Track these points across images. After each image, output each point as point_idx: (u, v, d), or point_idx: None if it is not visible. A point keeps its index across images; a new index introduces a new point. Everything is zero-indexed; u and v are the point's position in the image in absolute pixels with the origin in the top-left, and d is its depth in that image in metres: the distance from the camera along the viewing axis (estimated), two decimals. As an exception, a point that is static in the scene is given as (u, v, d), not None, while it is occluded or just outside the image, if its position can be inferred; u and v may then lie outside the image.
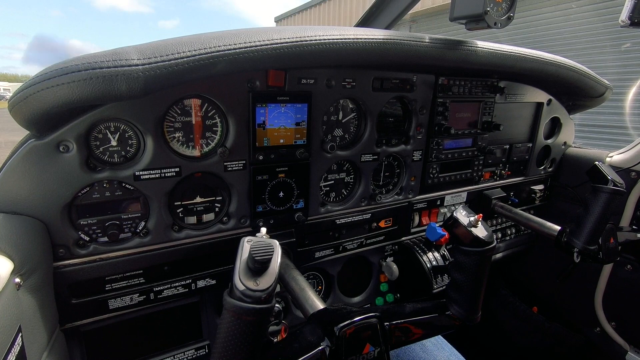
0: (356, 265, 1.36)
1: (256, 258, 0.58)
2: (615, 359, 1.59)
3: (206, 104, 0.92)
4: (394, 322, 0.83)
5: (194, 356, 1.06)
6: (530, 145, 1.68)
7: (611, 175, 1.12)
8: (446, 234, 1.22)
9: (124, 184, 0.86)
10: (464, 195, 1.52)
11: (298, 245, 1.14)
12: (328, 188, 1.21)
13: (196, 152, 0.93)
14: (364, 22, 1.82)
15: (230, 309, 0.57)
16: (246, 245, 0.60)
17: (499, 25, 0.95)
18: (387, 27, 1.76)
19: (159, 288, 0.95)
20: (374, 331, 0.73)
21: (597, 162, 1.16)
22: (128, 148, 0.85)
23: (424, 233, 1.41)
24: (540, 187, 1.79)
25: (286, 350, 0.71)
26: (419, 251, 1.34)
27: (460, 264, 0.88)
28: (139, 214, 0.90)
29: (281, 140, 1.01)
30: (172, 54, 0.69)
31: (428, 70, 1.24)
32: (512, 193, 1.68)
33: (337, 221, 1.21)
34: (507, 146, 1.61)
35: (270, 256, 0.59)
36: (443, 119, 1.32)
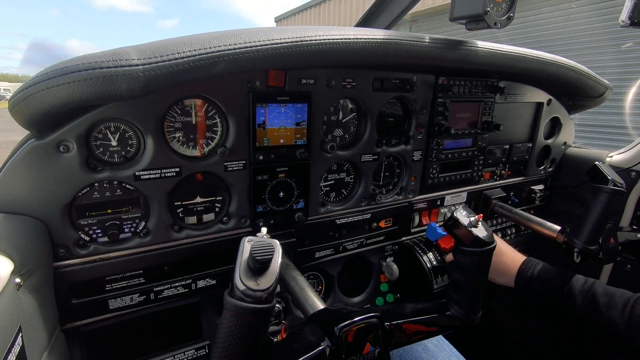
0: (356, 266, 1.36)
1: (257, 258, 0.58)
2: None
3: (206, 104, 0.92)
4: (394, 322, 0.83)
5: (194, 356, 1.06)
6: (530, 145, 1.68)
7: (611, 175, 1.12)
8: (447, 234, 1.22)
9: (124, 184, 0.86)
10: (464, 195, 1.52)
11: (298, 245, 1.14)
12: (328, 188, 1.21)
13: (196, 152, 0.93)
14: (364, 22, 1.82)
15: (230, 309, 0.57)
16: (247, 245, 0.60)
17: (499, 25, 0.95)
18: (387, 27, 1.76)
19: (159, 288, 0.95)
20: (374, 331, 0.73)
21: (597, 162, 1.16)
22: (128, 148, 0.85)
23: (424, 233, 1.41)
24: (540, 187, 1.79)
25: (286, 350, 0.70)
26: (419, 251, 1.34)
27: (461, 264, 0.88)
28: (139, 214, 0.90)
29: (281, 140, 1.01)
30: (172, 54, 0.69)
31: (428, 70, 1.24)
32: (512, 193, 1.68)
33: (337, 221, 1.21)
34: (507, 146, 1.61)
35: (270, 256, 0.59)
36: (443, 119, 1.32)
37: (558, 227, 1.27)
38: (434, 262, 1.31)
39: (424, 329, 0.90)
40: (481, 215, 0.86)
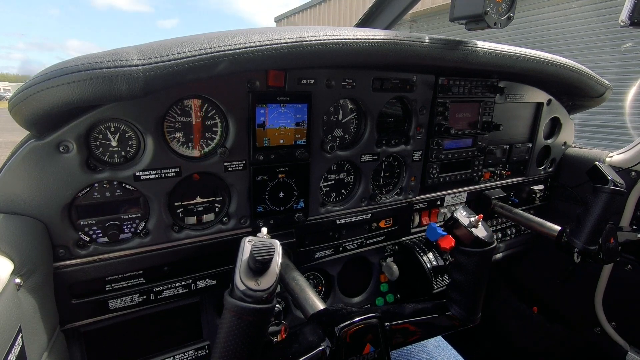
0: (356, 266, 1.36)
1: (257, 258, 0.58)
2: (615, 359, 1.59)
3: (206, 104, 0.92)
4: (394, 323, 0.83)
5: (194, 356, 1.06)
6: (530, 145, 1.68)
7: (611, 175, 1.12)
8: (447, 234, 1.22)
9: (124, 185, 0.86)
10: (464, 195, 1.52)
11: (298, 245, 1.14)
12: (328, 188, 1.20)
13: (196, 153, 0.93)
14: (364, 22, 1.82)
15: (231, 309, 0.58)
16: (247, 245, 0.60)
17: (499, 25, 0.95)
18: (387, 27, 1.76)
19: (159, 288, 0.95)
20: (374, 331, 0.73)
21: (597, 162, 1.17)
22: (128, 148, 0.85)
23: (424, 233, 1.41)
24: (540, 187, 1.79)
25: (286, 351, 0.70)
26: (419, 251, 1.34)
27: (461, 265, 0.88)
28: (139, 214, 0.90)
29: (281, 141, 1.01)
30: (172, 54, 0.69)
31: (428, 70, 1.24)
32: (512, 193, 1.68)
33: (337, 221, 1.21)
34: (507, 146, 1.61)
35: (271, 256, 0.59)
36: (443, 119, 1.32)
37: (558, 227, 1.27)
38: (434, 262, 1.31)
39: (424, 330, 0.90)
40: (481, 215, 0.86)
